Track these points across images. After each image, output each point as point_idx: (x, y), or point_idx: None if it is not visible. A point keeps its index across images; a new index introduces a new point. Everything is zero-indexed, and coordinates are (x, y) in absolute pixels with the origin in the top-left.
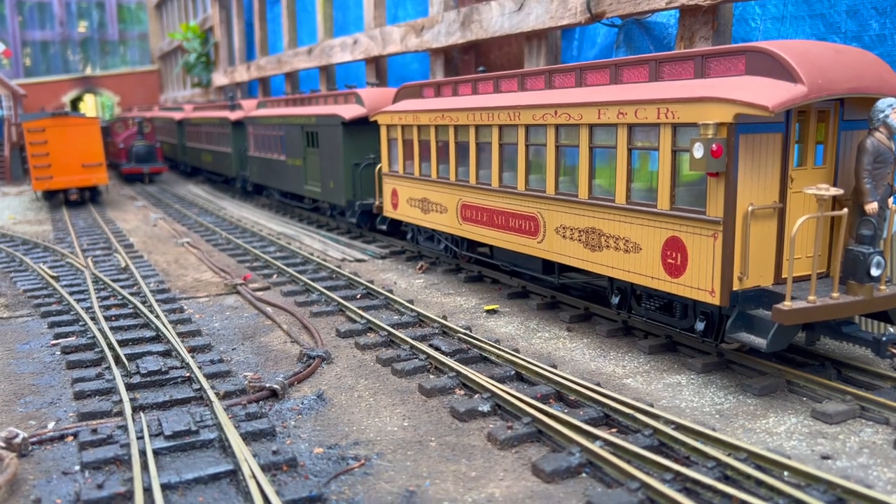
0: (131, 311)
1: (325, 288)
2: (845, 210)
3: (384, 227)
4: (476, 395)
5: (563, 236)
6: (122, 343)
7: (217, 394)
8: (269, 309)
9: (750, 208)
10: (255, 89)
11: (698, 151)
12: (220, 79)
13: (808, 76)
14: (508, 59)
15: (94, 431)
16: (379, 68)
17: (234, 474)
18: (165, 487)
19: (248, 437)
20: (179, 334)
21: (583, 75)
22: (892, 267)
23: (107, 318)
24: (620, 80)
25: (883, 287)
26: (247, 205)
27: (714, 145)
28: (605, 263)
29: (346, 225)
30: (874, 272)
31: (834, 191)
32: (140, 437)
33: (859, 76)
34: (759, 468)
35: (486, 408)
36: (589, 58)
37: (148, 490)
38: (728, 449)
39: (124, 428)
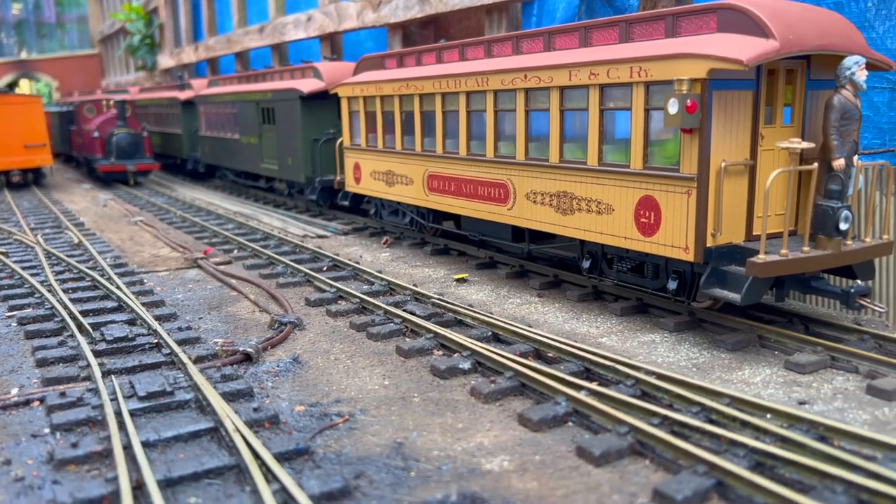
0: (89, 283)
1: (291, 261)
2: (815, 164)
3: (346, 203)
4: (455, 354)
5: (534, 202)
6: (84, 313)
7: (189, 358)
8: (233, 281)
9: (723, 164)
10: (204, 70)
11: (673, 107)
12: (166, 61)
13: (779, 32)
14: (468, 33)
15: (63, 395)
16: (334, 45)
17: (215, 431)
18: (144, 445)
19: (227, 397)
20: (143, 305)
21: (551, 39)
22: (856, 223)
23: (64, 291)
24: (590, 42)
25: (849, 242)
26: (199, 186)
27: (689, 101)
28: (577, 227)
29: (304, 203)
30: (842, 226)
31: (806, 144)
32: (113, 399)
33: (827, 34)
34: (742, 412)
35: (466, 365)
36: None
37: (127, 447)
38: (710, 396)
39: (94, 391)
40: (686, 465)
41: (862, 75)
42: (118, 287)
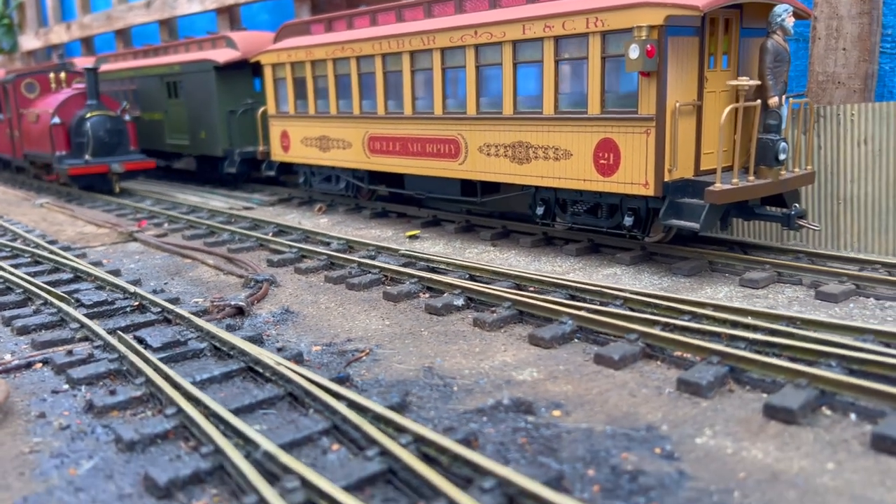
0: (30, 259)
1: (236, 229)
2: (758, 101)
3: (272, 173)
4: (445, 294)
5: (488, 154)
6: (48, 284)
7: (189, 313)
8: (182, 250)
9: (677, 105)
10: (77, 51)
11: (634, 52)
12: (30, 42)
13: None
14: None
15: (70, 353)
16: (233, 19)
17: (247, 371)
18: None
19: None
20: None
21: None
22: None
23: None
24: None
25: (783, 172)
26: None
27: (648, 46)
28: (534, 174)
29: (216, 179)
30: (781, 157)
31: (753, 82)
32: (133, 351)
33: None
34: (728, 315)
35: (460, 302)
36: None
37: (177, 387)
38: (695, 306)
39: (103, 347)
40: (698, 359)
41: (790, 21)
42: (67, 259)
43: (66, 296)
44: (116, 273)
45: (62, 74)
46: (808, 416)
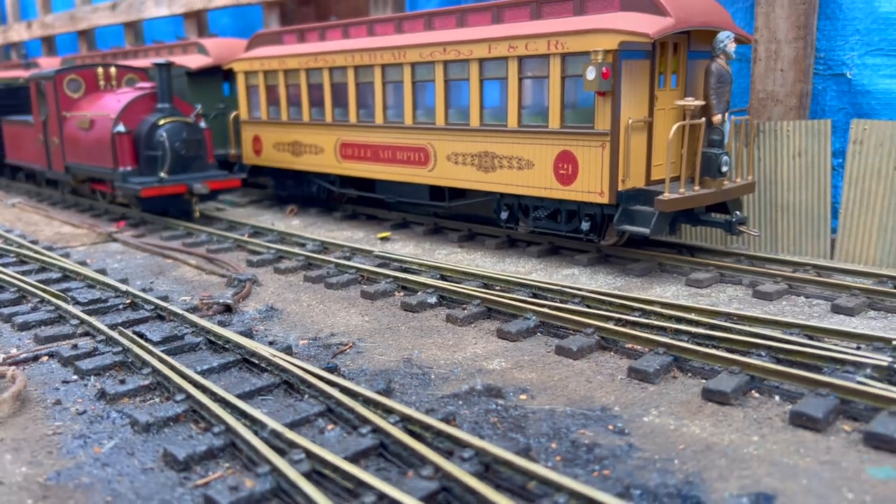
0: (14, 259)
1: (211, 230)
2: (703, 119)
3: (243, 176)
4: (419, 292)
5: (456, 162)
6: (41, 283)
7: (181, 310)
8: (166, 250)
9: (630, 121)
10: (38, 50)
11: (591, 74)
12: None
13: (673, 11)
14: (349, 12)
15: (75, 347)
16: (200, 23)
17: (244, 362)
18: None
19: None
20: (88, 273)
21: (464, 17)
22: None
23: None
24: (502, 20)
25: (726, 182)
26: None
27: (604, 68)
28: (499, 182)
29: None
30: (724, 169)
31: (699, 102)
32: (136, 345)
33: (707, 12)
34: (673, 311)
35: (433, 300)
36: (433, 7)
37: (183, 376)
38: (644, 303)
39: (106, 341)
40: (646, 350)
41: (732, 47)
42: (53, 259)
43: (62, 294)
44: (103, 272)
45: (112, 70)
46: (739, 398)
